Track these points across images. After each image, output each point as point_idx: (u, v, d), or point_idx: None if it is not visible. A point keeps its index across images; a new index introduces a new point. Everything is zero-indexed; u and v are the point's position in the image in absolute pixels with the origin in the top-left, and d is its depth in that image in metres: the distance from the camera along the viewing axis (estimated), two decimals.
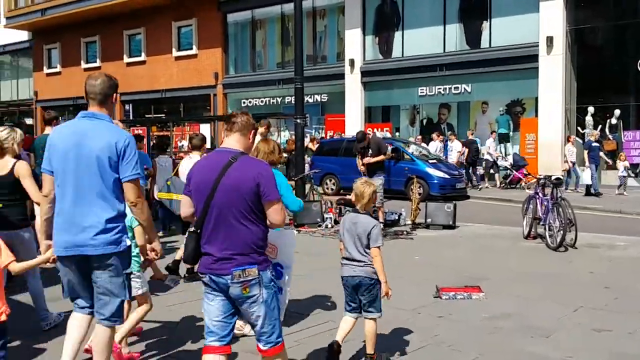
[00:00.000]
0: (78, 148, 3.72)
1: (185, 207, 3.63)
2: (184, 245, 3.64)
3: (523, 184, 17.60)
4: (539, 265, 8.08)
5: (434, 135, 20.25)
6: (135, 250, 4.37)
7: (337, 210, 11.85)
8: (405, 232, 10.58)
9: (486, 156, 19.36)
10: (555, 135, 18.93)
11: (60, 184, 3.77)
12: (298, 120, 12.43)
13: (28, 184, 5.18)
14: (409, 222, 11.36)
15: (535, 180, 10.72)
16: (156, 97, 30.31)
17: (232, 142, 3.59)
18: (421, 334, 5.25)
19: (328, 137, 22.34)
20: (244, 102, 27.85)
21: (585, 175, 16.61)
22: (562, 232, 8.90)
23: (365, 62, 23.61)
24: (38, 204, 4.49)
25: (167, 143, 23.24)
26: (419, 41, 22.27)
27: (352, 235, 4.44)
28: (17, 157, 5.36)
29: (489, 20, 20.93)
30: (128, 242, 3.86)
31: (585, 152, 16.89)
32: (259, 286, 3.43)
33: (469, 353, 4.80)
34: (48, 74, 35.42)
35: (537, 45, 19.46)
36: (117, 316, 3.88)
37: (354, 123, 23.05)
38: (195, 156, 7.28)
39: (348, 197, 12.91)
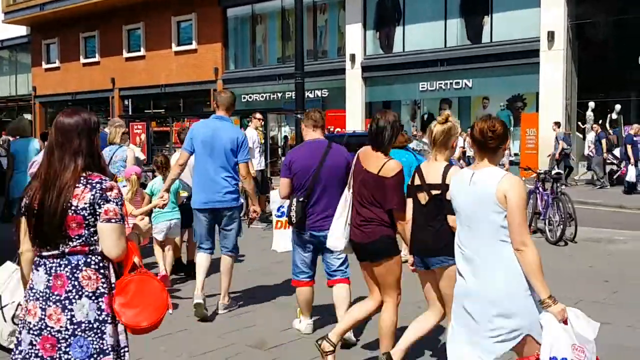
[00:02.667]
0: (213, 138, 5.60)
1: (285, 188, 4.91)
2: (294, 211, 4.78)
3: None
4: None
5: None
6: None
7: None
8: None
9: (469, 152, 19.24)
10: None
11: (200, 160, 5.67)
12: (299, 116, 12.38)
13: None
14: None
15: (535, 174, 10.71)
16: (156, 92, 30.27)
17: (319, 135, 5.03)
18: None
19: (327, 133, 22.32)
20: (244, 98, 27.79)
21: (631, 172, 15.41)
22: (561, 226, 8.91)
23: (366, 57, 23.57)
24: None
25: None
26: (420, 36, 22.23)
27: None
28: None
29: (490, 15, 20.89)
30: (241, 200, 6.14)
31: (629, 146, 15.92)
32: None
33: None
34: (47, 69, 35.38)
35: (538, 41, 19.43)
36: (236, 248, 5.85)
37: (354, 118, 23.04)
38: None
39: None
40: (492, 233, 3.07)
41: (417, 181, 3.90)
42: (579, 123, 19.82)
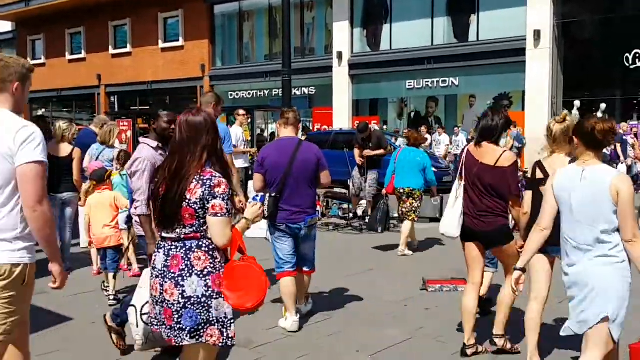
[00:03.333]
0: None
1: (258, 182, 5.22)
2: (267, 206, 5.02)
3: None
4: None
5: (422, 129, 20.25)
6: None
7: (325, 203, 11.82)
8: (392, 225, 10.57)
9: (455, 151, 19.21)
10: (542, 128, 18.97)
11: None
12: None
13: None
14: (396, 215, 11.35)
15: (521, 173, 10.74)
16: (142, 89, 30.08)
17: (290, 133, 5.30)
18: (407, 326, 5.25)
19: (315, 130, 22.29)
20: (231, 95, 27.70)
21: (621, 170, 15.52)
22: None
23: (353, 55, 23.56)
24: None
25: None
26: (407, 34, 22.25)
27: None
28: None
29: (476, 13, 20.95)
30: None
31: (619, 145, 16.03)
32: (314, 228, 5.39)
33: (455, 345, 4.80)
34: (32, 65, 35.02)
35: (525, 39, 19.51)
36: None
37: (341, 116, 23.03)
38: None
39: (336, 190, 12.95)
40: (601, 226, 3.33)
41: (540, 174, 4.26)
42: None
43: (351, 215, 11.14)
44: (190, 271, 2.97)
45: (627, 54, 18.39)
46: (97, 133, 8.44)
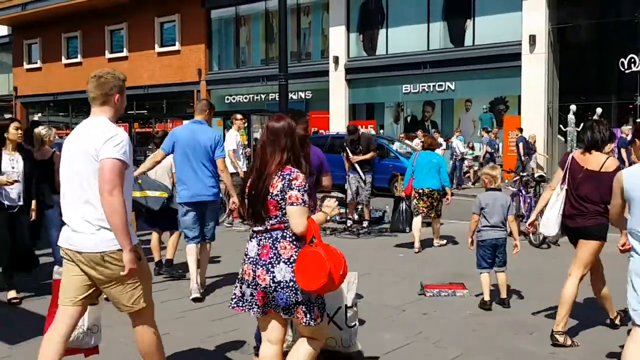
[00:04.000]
0: (194, 140, 6.28)
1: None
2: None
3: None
4: (523, 262, 8.11)
5: (418, 133, 20.30)
6: None
7: (320, 207, 11.78)
8: (389, 229, 10.59)
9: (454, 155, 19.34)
10: (538, 133, 19.06)
11: (184, 159, 6.32)
12: None
13: None
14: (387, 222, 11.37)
15: (517, 177, 10.78)
16: (138, 93, 30.03)
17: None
18: (406, 331, 5.25)
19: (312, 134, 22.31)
20: (228, 99, 27.72)
21: None
22: None
23: (349, 59, 23.61)
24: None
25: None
26: (403, 39, 22.32)
27: (495, 207, 5.98)
28: None
29: (472, 18, 21.03)
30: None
31: (623, 150, 16.08)
32: None
33: (454, 350, 4.81)
34: (28, 70, 35.00)
35: (520, 44, 19.59)
36: (214, 236, 6.59)
37: (338, 120, 23.06)
38: (161, 152, 7.26)
39: (333, 194, 12.93)
40: None
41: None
42: (561, 126, 20.00)
43: (350, 221, 11.14)
44: (278, 259, 3.36)
45: (622, 59, 18.47)
46: None
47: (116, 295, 3.57)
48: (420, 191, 8.93)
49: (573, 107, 19.43)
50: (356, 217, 11.28)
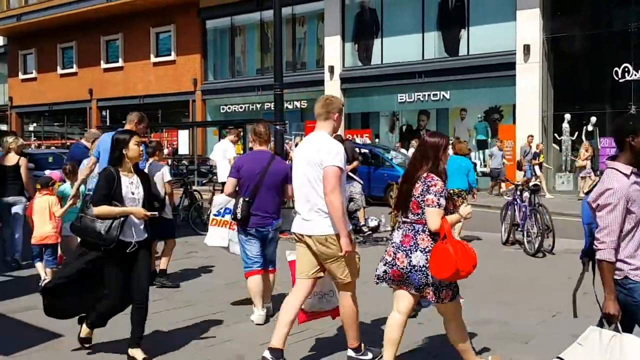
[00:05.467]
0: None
1: (232, 187, 5.72)
2: (240, 209, 5.62)
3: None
4: (518, 271, 8.12)
5: (414, 142, 20.31)
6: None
7: None
8: (385, 239, 10.57)
9: None
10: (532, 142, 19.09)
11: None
12: (277, 127, 12.38)
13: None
14: (389, 228, 11.35)
15: (513, 186, 10.79)
16: (134, 103, 30.00)
17: (264, 148, 5.97)
18: (402, 341, 5.21)
19: None
20: (223, 109, 27.73)
21: None
22: (539, 238, 8.96)
23: (344, 69, 23.66)
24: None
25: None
26: (398, 48, 22.38)
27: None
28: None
29: (467, 28, 21.11)
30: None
31: None
32: (277, 232, 6.01)
33: (445, 359, 4.77)
34: (23, 80, 34.98)
35: (515, 53, 19.67)
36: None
37: None
38: (154, 162, 7.33)
39: None
40: None
41: None
42: (556, 135, 20.05)
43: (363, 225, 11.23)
44: (416, 247, 4.12)
45: (617, 68, 18.54)
46: (88, 147, 8.49)
47: (333, 270, 4.55)
48: (451, 191, 9.56)
49: (567, 116, 19.50)
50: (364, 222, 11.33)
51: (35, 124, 36.27)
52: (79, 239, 7.72)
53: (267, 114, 24.21)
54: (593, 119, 19.43)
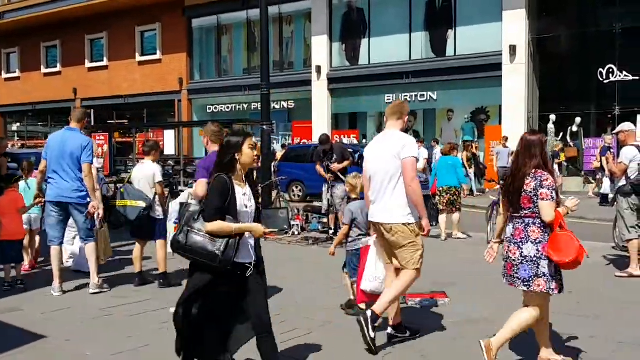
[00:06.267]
0: (63, 145, 6.78)
1: (204, 187, 5.14)
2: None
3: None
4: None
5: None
6: None
7: (304, 217, 11.76)
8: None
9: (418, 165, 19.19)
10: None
11: (54, 163, 6.80)
12: (264, 127, 12.34)
13: None
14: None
15: (498, 186, 10.82)
16: (119, 102, 29.85)
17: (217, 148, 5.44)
18: (388, 340, 5.20)
19: (295, 144, 22.28)
20: (210, 109, 27.62)
21: (605, 184, 15.14)
22: None
23: (332, 69, 23.66)
24: None
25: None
26: (386, 49, 22.43)
27: (363, 216, 5.85)
28: None
29: (453, 29, 21.20)
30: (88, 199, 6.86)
31: (604, 158, 16.16)
32: None
33: (436, 359, 4.77)
34: (7, 79, 34.62)
35: (501, 54, 19.78)
36: (90, 236, 6.94)
37: (321, 130, 23.00)
38: (147, 162, 7.27)
39: (315, 204, 12.91)
40: None
41: None
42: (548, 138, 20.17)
43: (331, 231, 11.09)
44: (527, 239, 4.36)
45: (601, 69, 18.71)
46: None
47: (400, 256, 5.02)
48: (441, 189, 10.68)
49: (553, 117, 19.64)
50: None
51: (18, 124, 35.90)
52: (37, 228, 8.25)
53: (253, 114, 24.16)
54: (578, 120, 19.60)
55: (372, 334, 4.80)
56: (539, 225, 4.35)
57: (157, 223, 7.10)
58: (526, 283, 4.35)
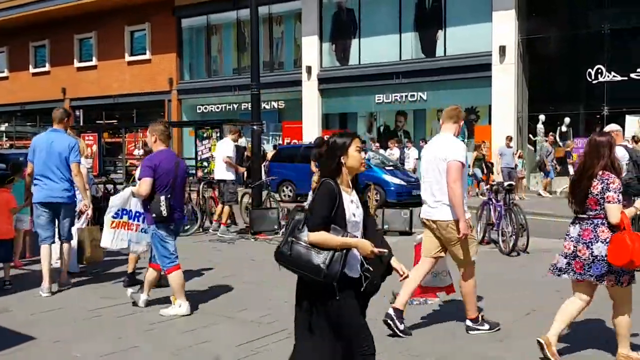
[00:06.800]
0: (51, 146, 6.86)
1: (149, 186, 5.80)
2: (165, 207, 5.77)
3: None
4: (493, 270, 8.17)
5: (390, 143, 20.38)
6: None
7: None
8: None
9: (408, 165, 19.22)
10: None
11: (42, 164, 6.87)
12: (254, 127, 12.33)
13: None
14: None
15: (487, 187, 10.87)
16: (108, 102, 29.71)
17: (166, 146, 6.19)
18: (379, 339, 5.20)
19: (285, 144, 22.27)
20: (200, 109, 27.55)
21: None
22: (514, 237, 9.04)
23: (322, 69, 23.66)
24: None
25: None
26: (376, 49, 22.45)
27: None
28: None
29: (443, 29, 21.26)
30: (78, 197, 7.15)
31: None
32: None
33: (427, 358, 4.79)
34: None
35: (490, 55, 19.86)
36: (70, 236, 7.15)
37: (311, 130, 23.06)
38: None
39: (305, 204, 12.91)
40: None
41: None
42: (530, 135, 20.28)
43: None
44: (597, 239, 4.45)
45: (590, 70, 18.83)
46: None
47: (454, 251, 5.33)
48: None
49: (542, 117, 19.74)
50: None
51: (7, 124, 35.63)
52: (24, 229, 8.31)
53: (243, 114, 24.12)
54: (567, 120, 19.71)
55: (400, 327, 5.33)
56: (608, 225, 4.46)
57: None
58: (599, 279, 4.49)
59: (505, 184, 10.20)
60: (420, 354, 4.90)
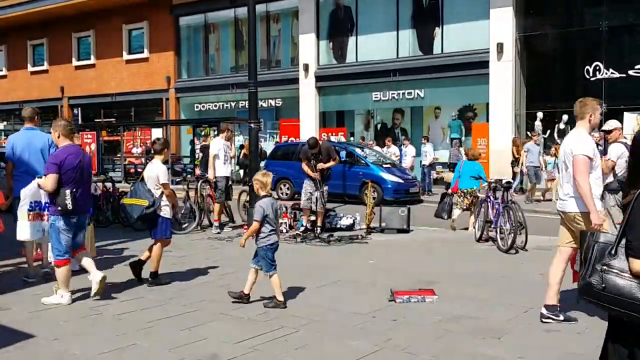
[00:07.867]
0: (29, 144, 7.34)
1: (55, 182, 6.07)
2: (70, 201, 6.07)
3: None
4: (491, 267, 8.20)
5: (387, 141, 20.38)
6: None
7: (292, 215, 11.78)
8: (360, 237, 10.59)
9: (425, 161, 19.25)
10: (505, 139, 19.31)
11: (22, 162, 7.39)
12: (252, 125, 12.32)
13: None
14: (364, 226, 11.39)
15: (486, 183, 10.89)
16: (106, 101, 29.71)
17: (71, 140, 6.43)
18: (376, 337, 5.24)
19: (282, 142, 22.26)
20: (197, 107, 27.56)
21: None
22: (512, 234, 9.06)
23: (319, 67, 23.66)
24: None
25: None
26: (373, 46, 22.45)
27: (273, 212, 6.21)
28: None
29: (441, 26, 21.26)
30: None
31: None
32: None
33: (423, 356, 4.80)
34: None
35: (488, 52, 19.86)
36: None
37: (308, 128, 23.06)
38: (156, 161, 7.19)
39: (303, 203, 12.90)
40: None
41: None
42: (528, 133, 20.29)
43: (302, 227, 11.17)
44: None
45: (588, 67, 18.84)
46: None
47: None
48: (465, 191, 11.18)
49: (540, 115, 19.75)
50: (309, 225, 11.23)
51: (5, 123, 35.60)
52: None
53: (241, 112, 24.14)
54: (565, 117, 19.72)
55: (561, 317, 5.61)
56: None
57: (161, 222, 7.08)
58: None
59: (504, 181, 10.22)
60: (416, 352, 4.91)
